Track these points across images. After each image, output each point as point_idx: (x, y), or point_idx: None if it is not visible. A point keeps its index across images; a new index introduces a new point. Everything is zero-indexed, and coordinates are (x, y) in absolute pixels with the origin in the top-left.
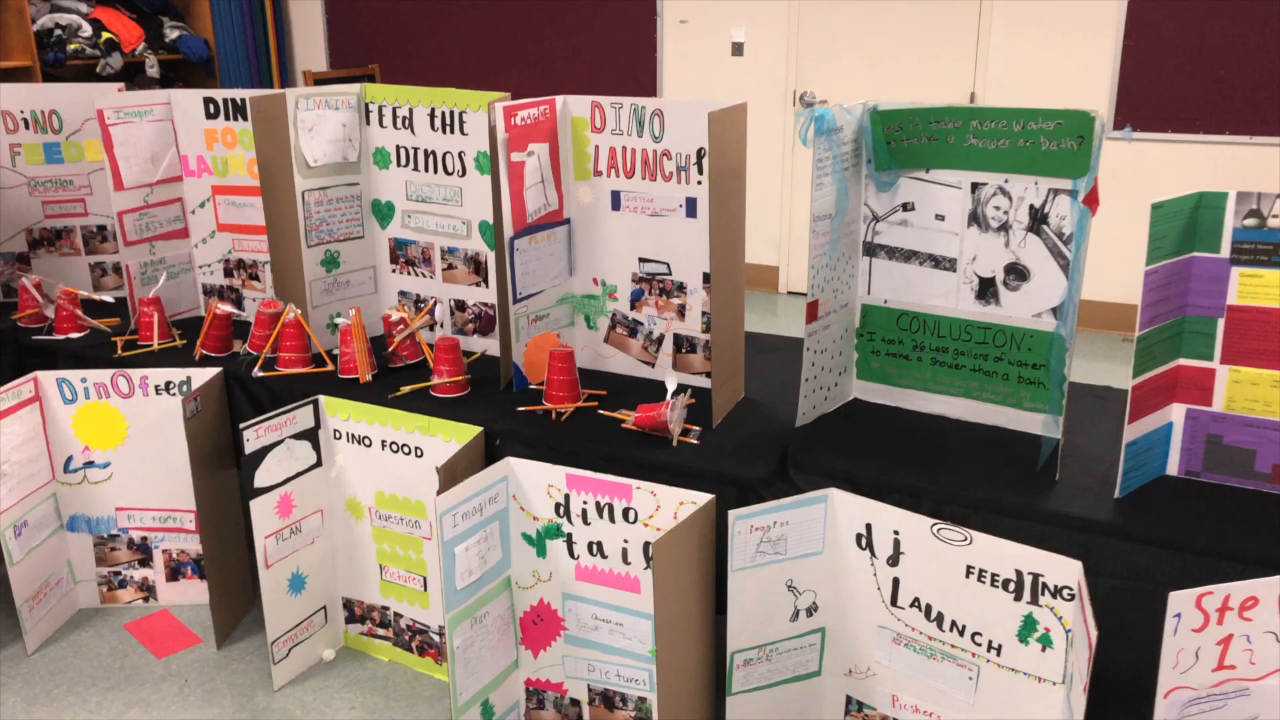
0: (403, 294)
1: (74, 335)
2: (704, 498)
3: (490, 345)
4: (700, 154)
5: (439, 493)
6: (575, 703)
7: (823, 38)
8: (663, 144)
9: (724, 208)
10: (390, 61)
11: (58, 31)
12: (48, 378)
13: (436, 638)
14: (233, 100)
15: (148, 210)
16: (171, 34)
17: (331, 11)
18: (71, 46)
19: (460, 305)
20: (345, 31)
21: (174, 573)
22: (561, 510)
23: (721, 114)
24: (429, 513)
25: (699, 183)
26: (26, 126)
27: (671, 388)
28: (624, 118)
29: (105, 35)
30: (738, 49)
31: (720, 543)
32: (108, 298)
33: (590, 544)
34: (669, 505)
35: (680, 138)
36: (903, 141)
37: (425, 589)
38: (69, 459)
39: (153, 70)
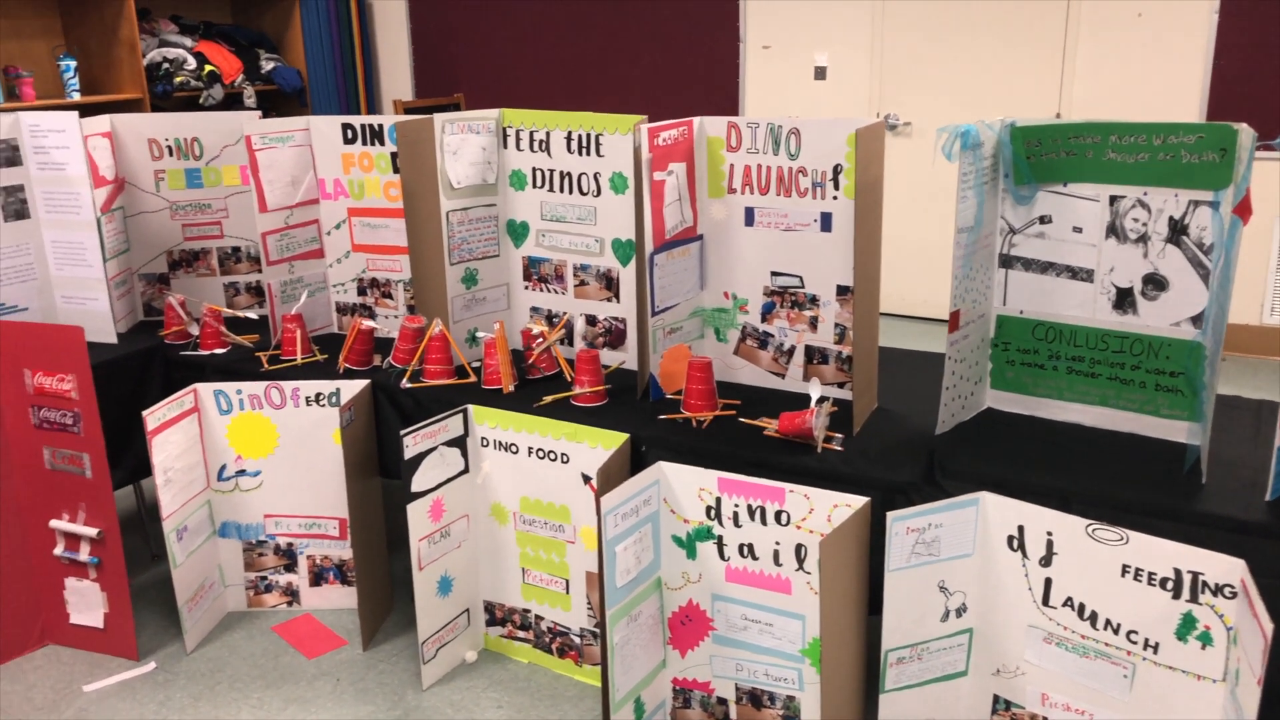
0: (535, 309)
1: (218, 351)
2: (859, 500)
3: (619, 358)
4: (837, 170)
5: (597, 495)
6: (722, 702)
7: (906, 60)
8: (798, 161)
9: (865, 222)
10: (475, 90)
11: (165, 65)
12: (206, 390)
13: (577, 640)
14: (370, 125)
15: (288, 231)
16: (267, 65)
17: (417, 42)
18: (178, 79)
19: (591, 320)
20: (430, 61)
21: (317, 578)
22: (712, 513)
23: (866, 131)
24: (573, 517)
25: (834, 198)
26: (170, 153)
27: (815, 396)
28: (760, 136)
29: (208, 68)
30: (820, 73)
31: (873, 545)
32: (251, 315)
33: (741, 546)
34: (822, 508)
35: (816, 155)
36: (1041, 156)
37: (567, 592)
38: (222, 467)
39: (250, 101)
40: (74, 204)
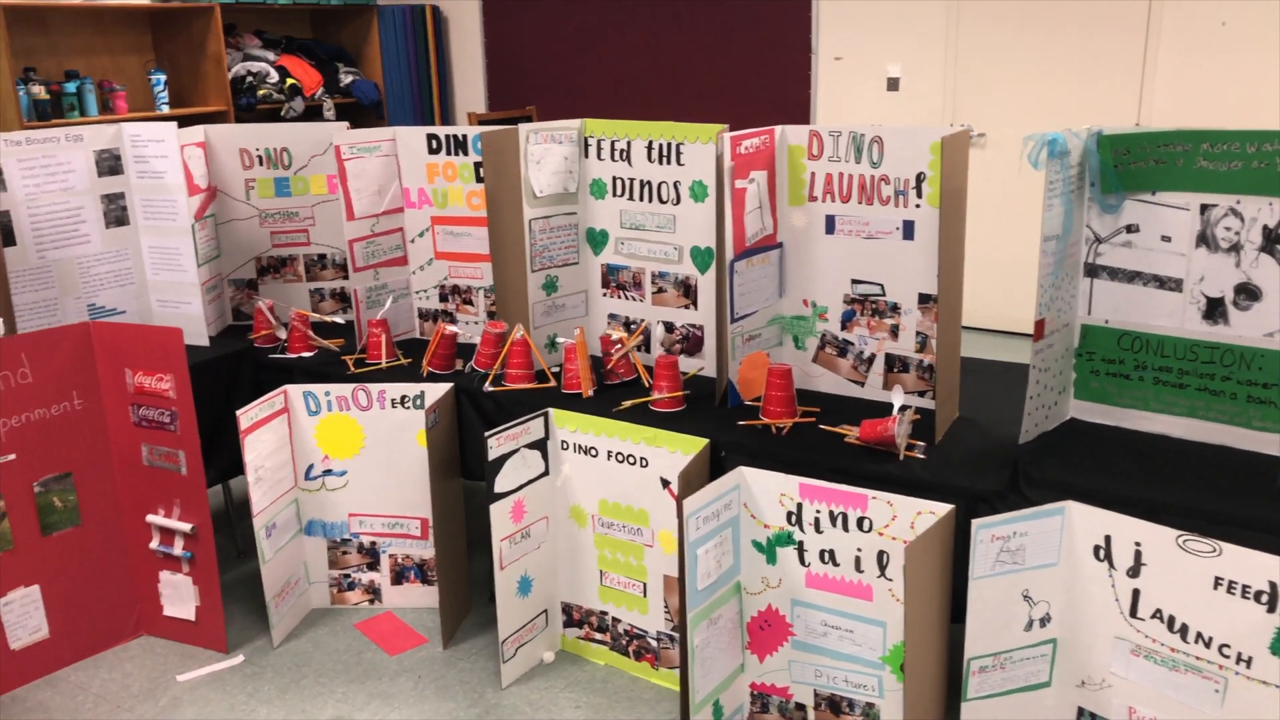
0: (613, 316)
1: (305, 354)
2: (943, 508)
3: (697, 365)
4: (919, 178)
5: (678, 498)
6: (800, 707)
7: (980, 72)
8: (881, 169)
9: (950, 230)
10: (547, 103)
11: (249, 79)
12: (295, 391)
13: (654, 643)
14: (454, 136)
15: (374, 239)
16: (346, 79)
17: (491, 55)
18: (261, 92)
19: (669, 327)
20: (503, 74)
21: (398, 576)
22: (793, 519)
23: (951, 139)
24: (651, 520)
25: (917, 206)
26: (260, 163)
27: (898, 404)
28: (842, 145)
29: (290, 81)
30: (893, 84)
31: (956, 552)
32: (337, 319)
33: (822, 552)
34: (905, 515)
35: (898, 163)
36: (1130, 165)
37: (645, 595)
38: (310, 467)
39: (329, 114)
40: (171, 211)
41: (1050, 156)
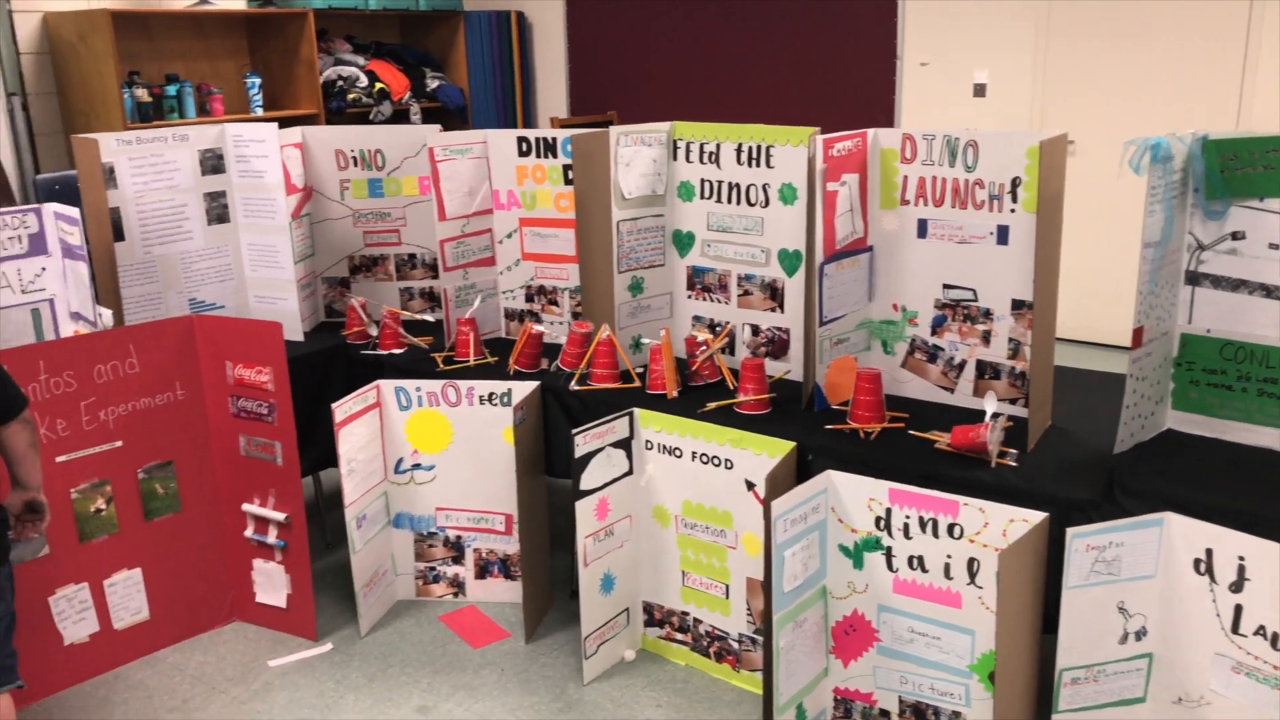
0: (697, 318)
1: (396, 351)
2: (1037, 515)
3: (782, 368)
4: (1015, 183)
5: (764, 501)
6: (884, 713)
7: (1070, 77)
8: (975, 173)
9: (1046, 236)
10: (628, 107)
11: (339, 83)
12: (388, 386)
13: (735, 645)
14: (544, 139)
15: (463, 239)
16: (432, 84)
17: (574, 61)
18: (350, 96)
19: (754, 329)
20: (586, 80)
21: (482, 570)
22: (882, 524)
23: (1049, 143)
24: (735, 522)
25: (1012, 210)
26: (355, 164)
27: (991, 410)
28: (936, 149)
29: (378, 85)
30: (980, 90)
31: (1049, 561)
32: (427, 318)
33: (910, 558)
34: (998, 522)
35: (994, 167)
36: (1237, 170)
37: (727, 597)
38: (399, 460)
39: (415, 117)
40: (270, 210)
41: (1153, 161)
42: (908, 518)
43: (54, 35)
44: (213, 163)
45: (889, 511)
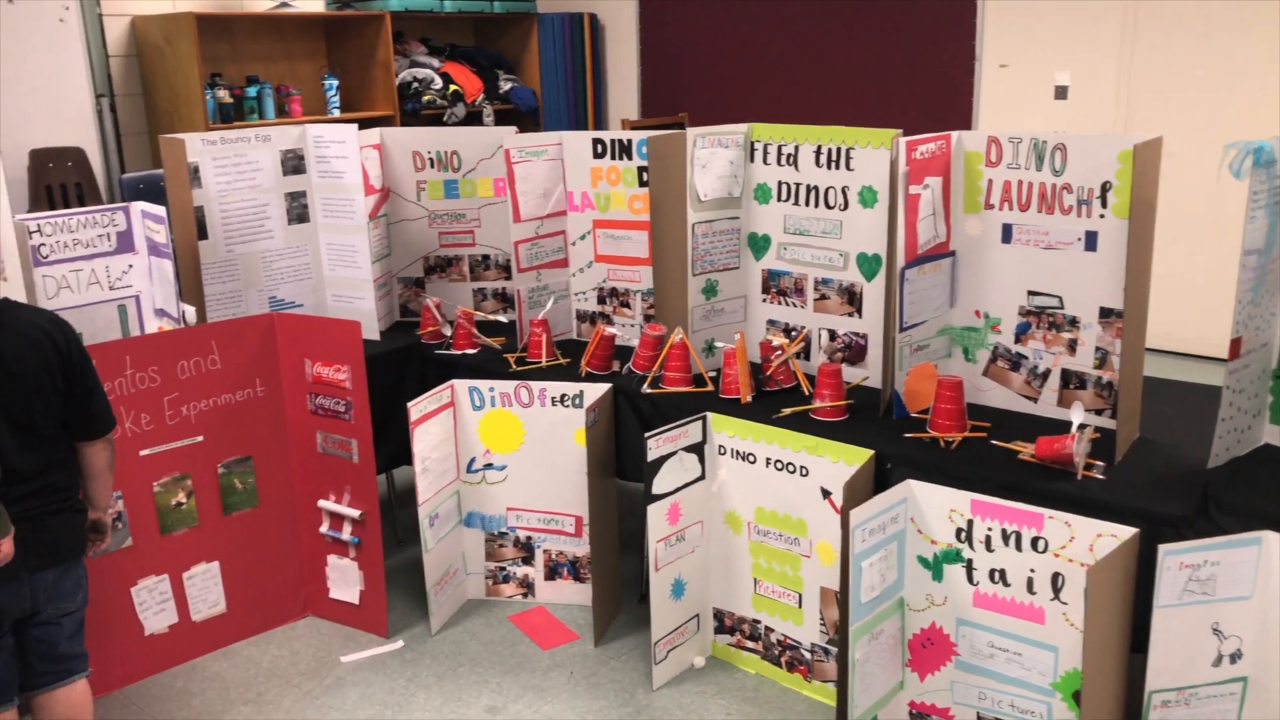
0: (772, 322)
1: (469, 351)
2: (1126, 531)
3: (860, 374)
4: (1105, 187)
5: (841, 510)
6: None
7: (1158, 78)
8: (1063, 177)
9: (1139, 243)
10: (700, 109)
11: (414, 84)
12: (461, 386)
13: (808, 655)
14: (619, 140)
15: (537, 241)
16: (505, 85)
17: (646, 62)
18: (425, 97)
19: (831, 334)
20: (657, 81)
21: (551, 572)
22: (963, 535)
23: (1144, 147)
24: (809, 530)
25: (1101, 216)
26: (431, 165)
27: (1078, 421)
28: (1022, 151)
29: (452, 87)
30: (1061, 92)
31: (1140, 578)
32: (500, 318)
33: (992, 571)
34: (1085, 537)
35: (1083, 171)
36: None
37: (800, 606)
38: (472, 460)
39: (488, 119)
40: (348, 210)
41: (1255, 165)
42: (990, 530)
43: (141, 38)
44: (294, 163)
45: (970, 523)
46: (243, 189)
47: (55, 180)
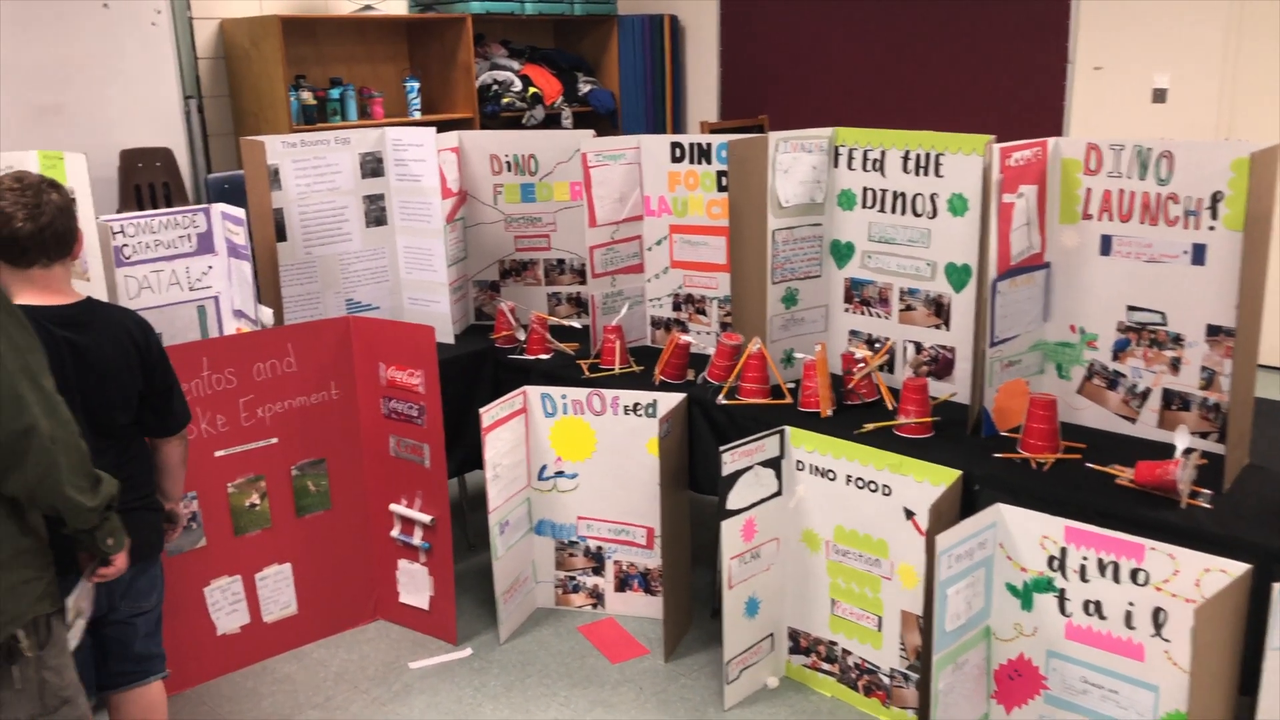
0: (854, 333)
1: (543, 356)
2: (1238, 567)
3: (947, 389)
4: (1215, 198)
5: (927, 533)
6: None
7: (1264, 82)
8: (1169, 187)
9: (1253, 257)
10: (780, 112)
11: (494, 87)
12: (534, 392)
13: (886, 680)
14: (698, 144)
15: (613, 245)
16: (584, 88)
17: (726, 65)
18: (505, 100)
19: (917, 347)
20: (737, 84)
21: (622, 583)
22: (1055, 564)
23: (1262, 155)
24: (891, 552)
25: (1210, 228)
26: (508, 169)
27: (1183, 445)
28: (1124, 159)
29: (532, 90)
30: (1159, 95)
31: (1250, 615)
32: (574, 324)
33: (1086, 603)
34: (1190, 571)
35: (1191, 180)
36: None
37: (879, 629)
38: (543, 467)
39: (567, 122)
40: (426, 213)
41: None
42: (1085, 559)
43: (229, 40)
44: (372, 166)
45: (1064, 551)
46: (322, 191)
47: (144, 180)
